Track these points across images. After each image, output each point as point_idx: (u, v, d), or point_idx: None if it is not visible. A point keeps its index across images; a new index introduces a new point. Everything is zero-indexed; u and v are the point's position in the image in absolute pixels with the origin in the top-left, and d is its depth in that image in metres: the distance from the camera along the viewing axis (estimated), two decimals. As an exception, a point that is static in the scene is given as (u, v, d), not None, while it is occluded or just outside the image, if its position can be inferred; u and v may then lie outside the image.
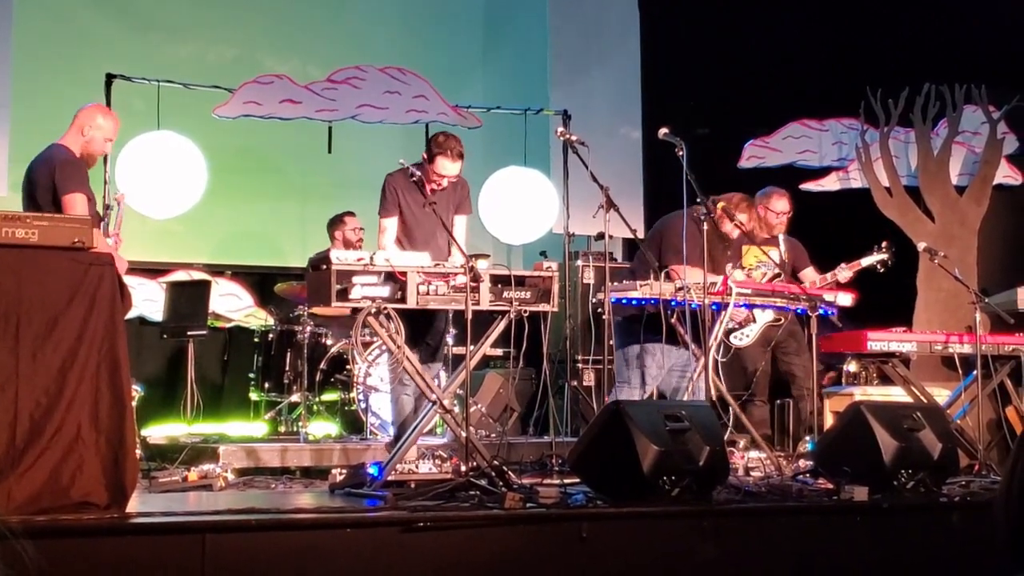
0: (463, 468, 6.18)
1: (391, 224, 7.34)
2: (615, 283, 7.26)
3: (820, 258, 8.87)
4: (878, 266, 8.71)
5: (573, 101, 11.00)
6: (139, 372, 8.03)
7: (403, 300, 6.30)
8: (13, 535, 1.68)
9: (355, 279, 6.20)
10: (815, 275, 8.73)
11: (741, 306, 7.47)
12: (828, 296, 7.81)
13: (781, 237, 8.91)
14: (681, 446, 5.90)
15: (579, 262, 9.91)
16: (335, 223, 9.71)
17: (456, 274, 6.40)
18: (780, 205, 8.89)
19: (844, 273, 8.63)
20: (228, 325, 10.46)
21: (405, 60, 10.75)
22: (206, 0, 11.29)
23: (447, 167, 7.16)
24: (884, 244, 8.76)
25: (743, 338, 8.35)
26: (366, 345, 8.68)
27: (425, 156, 7.23)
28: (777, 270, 8.47)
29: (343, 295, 6.20)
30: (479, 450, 6.33)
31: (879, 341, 8.09)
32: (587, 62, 11.46)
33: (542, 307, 6.63)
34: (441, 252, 7.16)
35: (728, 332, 8.08)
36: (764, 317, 8.30)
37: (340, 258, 6.25)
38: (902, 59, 11.08)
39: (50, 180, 6.57)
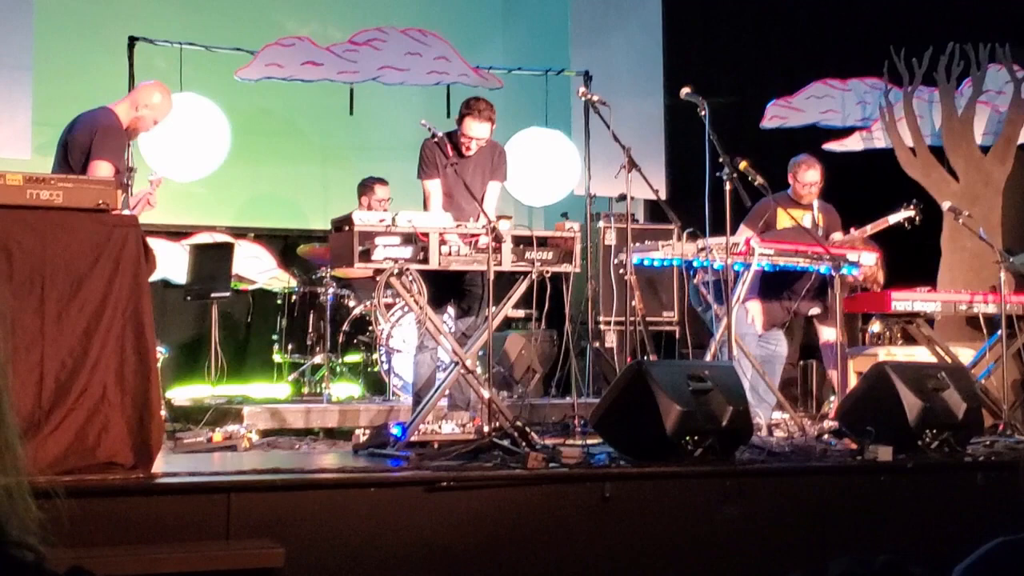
0: (486, 428, 6.19)
1: (434, 187, 7.18)
2: (637, 244, 7.25)
3: (843, 218, 8.80)
4: (905, 223, 8.61)
5: (594, 62, 10.93)
6: (163, 334, 8.05)
7: (425, 261, 6.30)
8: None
9: (377, 240, 6.20)
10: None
11: (763, 267, 7.45)
12: (852, 255, 7.78)
13: (816, 201, 8.82)
14: (704, 406, 5.90)
15: (600, 223, 9.87)
16: (365, 187, 9.61)
17: (478, 235, 6.39)
18: (809, 176, 8.67)
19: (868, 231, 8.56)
20: (251, 287, 10.48)
21: (426, 22, 10.72)
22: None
23: (473, 127, 7.09)
24: (913, 202, 8.65)
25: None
26: (389, 306, 8.70)
27: (457, 120, 7.19)
28: None
29: (365, 256, 6.20)
30: (501, 411, 6.33)
31: (903, 301, 8.06)
32: (608, 23, 11.37)
33: (564, 267, 6.61)
34: (466, 215, 7.01)
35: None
36: None
37: (362, 219, 6.25)
38: (926, 18, 10.98)
39: (88, 142, 6.42)
